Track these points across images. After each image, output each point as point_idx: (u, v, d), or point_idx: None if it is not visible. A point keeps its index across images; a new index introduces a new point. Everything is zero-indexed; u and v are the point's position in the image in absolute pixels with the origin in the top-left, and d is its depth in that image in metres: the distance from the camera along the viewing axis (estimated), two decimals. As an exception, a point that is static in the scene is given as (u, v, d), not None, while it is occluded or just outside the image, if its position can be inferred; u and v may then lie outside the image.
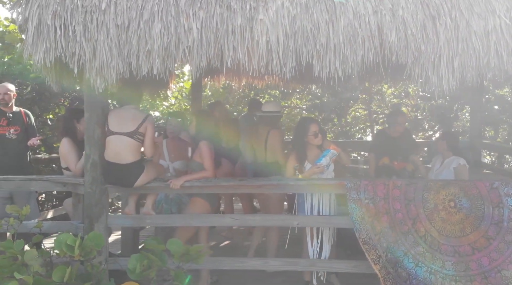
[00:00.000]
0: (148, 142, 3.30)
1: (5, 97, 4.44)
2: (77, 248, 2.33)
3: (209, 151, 3.36)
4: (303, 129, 3.48)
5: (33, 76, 6.15)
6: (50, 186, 3.53)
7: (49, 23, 2.78)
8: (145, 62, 2.76)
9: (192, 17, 2.74)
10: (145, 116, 3.35)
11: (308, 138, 3.46)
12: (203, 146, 3.37)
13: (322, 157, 3.41)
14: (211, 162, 3.36)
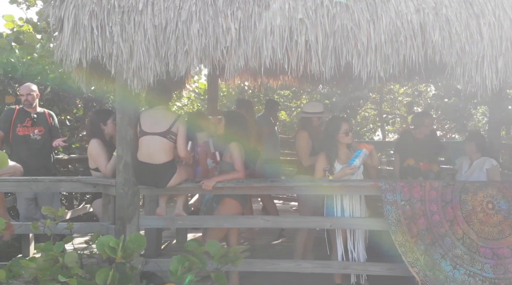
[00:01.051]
0: (181, 142, 3.29)
1: (29, 97, 4.44)
2: (120, 250, 2.31)
3: (239, 152, 3.33)
4: (334, 127, 3.44)
5: (52, 76, 6.17)
6: (80, 187, 3.52)
7: (86, 23, 2.77)
8: (183, 62, 2.74)
9: (230, 17, 2.71)
10: (176, 115, 3.34)
11: (339, 137, 3.42)
12: (233, 147, 3.35)
13: (355, 157, 3.35)
14: (242, 163, 3.33)
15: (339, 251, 3.40)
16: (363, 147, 3.41)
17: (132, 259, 2.43)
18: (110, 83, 4.04)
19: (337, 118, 3.63)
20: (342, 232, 3.40)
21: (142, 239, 2.41)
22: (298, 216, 3.41)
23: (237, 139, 3.40)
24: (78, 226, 3.46)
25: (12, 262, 2.70)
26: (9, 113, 4.47)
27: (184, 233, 4.90)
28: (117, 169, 3.29)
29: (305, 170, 3.96)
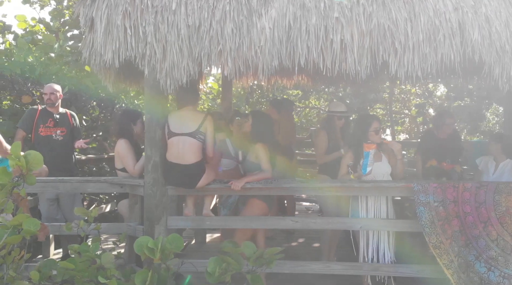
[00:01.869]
0: (209, 142, 3.27)
1: (52, 97, 4.44)
2: (159, 251, 2.30)
3: (266, 153, 3.32)
4: (364, 125, 3.41)
5: (69, 76, 6.18)
6: (107, 188, 3.52)
7: (119, 23, 2.76)
8: (216, 62, 2.72)
9: (265, 16, 2.68)
10: (204, 115, 3.33)
11: (369, 135, 3.39)
12: (260, 148, 3.33)
13: (366, 165, 3.33)
14: (269, 163, 3.32)
15: (361, 252, 3.37)
16: (366, 148, 3.37)
17: (168, 260, 2.41)
18: (135, 83, 4.05)
19: (367, 116, 3.61)
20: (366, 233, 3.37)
21: (180, 240, 2.39)
22: (328, 218, 3.38)
23: (263, 140, 3.39)
24: (105, 227, 3.44)
25: (42, 263, 2.69)
26: (32, 113, 4.47)
27: (203, 233, 4.88)
28: (146, 169, 3.28)
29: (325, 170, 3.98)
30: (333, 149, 3.96)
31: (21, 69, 5.84)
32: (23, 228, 2.49)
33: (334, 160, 3.91)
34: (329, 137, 4.01)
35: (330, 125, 4.07)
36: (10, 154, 3.56)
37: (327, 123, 4.13)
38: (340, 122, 4.05)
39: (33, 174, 3.66)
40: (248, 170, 3.43)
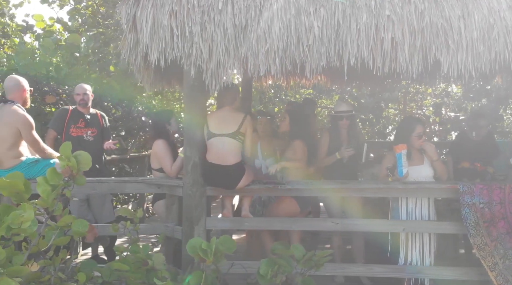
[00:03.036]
0: (248, 142, 3.25)
1: (85, 97, 4.43)
2: (212, 253, 2.27)
3: (304, 150, 3.31)
4: (408, 128, 3.34)
5: (94, 76, 6.20)
6: (145, 188, 3.50)
7: (165, 23, 2.73)
8: (263, 62, 2.68)
9: (313, 15, 2.65)
10: (244, 115, 3.30)
11: (411, 139, 3.33)
12: (298, 145, 3.33)
13: (401, 167, 3.23)
14: (305, 161, 3.31)
15: (402, 254, 3.32)
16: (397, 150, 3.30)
17: (220, 262, 2.39)
18: (169, 84, 4.03)
19: (411, 119, 3.54)
20: (406, 235, 3.32)
21: (232, 242, 2.36)
22: (370, 219, 3.33)
23: (301, 137, 3.37)
24: (142, 227, 3.43)
25: (83, 264, 2.68)
26: (63, 113, 4.47)
27: (229, 233, 4.86)
28: (185, 170, 3.26)
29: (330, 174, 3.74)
30: (334, 152, 3.76)
31: (46, 69, 5.86)
32: (72, 229, 2.49)
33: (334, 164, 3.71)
34: (331, 139, 3.82)
35: (333, 125, 3.91)
36: (48, 155, 3.61)
37: (330, 124, 4.03)
38: (344, 123, 3.81)
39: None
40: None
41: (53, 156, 3.65)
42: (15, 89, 3.55)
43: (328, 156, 3.72)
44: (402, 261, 3.27)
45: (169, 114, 3.83)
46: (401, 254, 3.29)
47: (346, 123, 3.73)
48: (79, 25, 8.10)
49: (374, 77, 4.89)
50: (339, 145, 3.67)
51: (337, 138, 3.71)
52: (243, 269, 2.64)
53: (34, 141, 3.49)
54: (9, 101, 3.50)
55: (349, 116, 3.73)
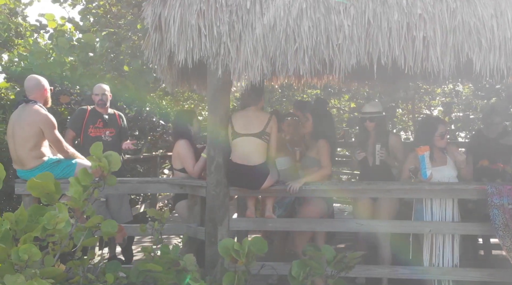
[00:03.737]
0: (273, 142, 3.22)
1: (103, 97, 4.42)
2: (244, 254, 2.25)
3: (328, 149, 3.28)
4: (430, 128, 3.30)
5: (108, 76, 6.20)
6: (167, 188, 3.49)
7: (193, 23, 2.71)
8: (292, 61, 2.66)
9: (343, 13, 2.62)
10: (269, 115, 3.27)
11: (434, 139, 3.29)
12: (323, 144, 3.30)
13: (425, 169, 3.19)
14: (330, 159, 3.29)
15: (425, 256, 3.28)
16: (420, 152, 3.26)
17: (251, 263, 2.36)
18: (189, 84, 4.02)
19: (433, 119, 3.49)
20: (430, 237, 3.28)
21: (263, 243, 2.33)
22: (395, 221, 3.29)
23: (325, 136, 3.34)
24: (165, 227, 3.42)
25: (108, 265, 2.66)
26: (81, 114, 4.46)
27: (245, 234, 4.83)
28: (209, 170, 3.24)
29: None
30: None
31: (60, 69, 5.87)
32: (102, 229, 2.48)
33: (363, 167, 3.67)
34: (359, 141, 3.79)
35: (360, 128, 3.86)
36: (70, 155, 3.60)
37: (358, 126, 4.00)
38: (368, 124, 3.70)
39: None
40: (307, 166, 3.39)
41: (75, 156, 3.64)
42: (36, 89, 3.54)
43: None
44: (427, 262, 3.24)
45: (191, 114, 3.81)
46: (425, 255, 3.26)
47: (371, 125, 3.64)
48: (90, 25, 8.10)
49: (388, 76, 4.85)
50: (366, 148, 3.60)
51: (364, 141, 3.65)
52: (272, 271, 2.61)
53: (57, 141, 3.48)
54: (30, 101, 3.49)
55: (372, 118, 3.64)
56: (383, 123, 3.71)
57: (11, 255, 1.99)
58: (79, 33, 8.19)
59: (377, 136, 3.59)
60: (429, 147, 3.21)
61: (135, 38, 7.81)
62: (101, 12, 8.16)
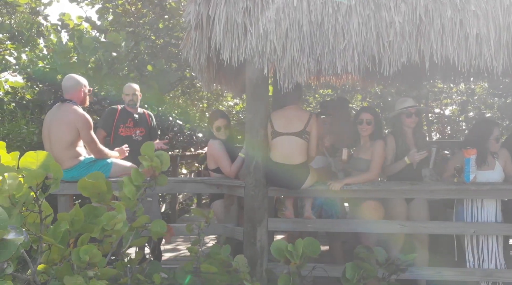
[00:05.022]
0: (314, 142, 3.17)
1: (134, 97, 4.41)
2: (299, 256, 2.21)
3: (383, 152, 3.19)
4: (485, 131, 3.20)
5: (132, 75, 6.18)
6: (204, 188, 3.45)
7: (239, 20, 2.68)
8: (340, 59, 2.61)
9: (393, 10, 2.56)
10: (309, 114, 3.22)
11: (490, 142, 3.19)
12: (379, 145, 3.21)
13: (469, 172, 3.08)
14: (381, 164, 3.19)
15: (470, 258, 3.21)
16: (466, 154, 3.17)
17: (304, 265, 2.33)
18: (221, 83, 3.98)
19: (488, 121, 3.38)
20: (471, 238, 3.21)
21: (316, 245, 2.30)
22: (440, 222, 3.23)
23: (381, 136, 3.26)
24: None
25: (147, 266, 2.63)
26: (112, 113, 4.44)
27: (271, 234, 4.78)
28: (247, 170, 3.20)
29: None
30: (400, 157, 3.38)
31: (85, 68, 5.86)
32: (152, 229, 2.45)
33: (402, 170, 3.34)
34: (397, 143, 3.43)
35: (396, 126, 3.52)
36: (104, 155, 3.58)
37: (394, 124, 3.61)
38: (412, 120, 3.41)
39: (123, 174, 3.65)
40: (356, 168, 3.32)
41: (109, 156, 3.62)
42: (73, 89, 3.52)
43: (395, 163, 3.38)
44: (472, 264, 3.18)
45: (218, 114, 3.76)
46: (469, 257, 3.20)
47: (415, 120, 3.37)
48: (108, 24, 8.10)
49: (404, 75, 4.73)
50: (406, 149, 3.36)
51: (402, 141, 3.38)
52: (324, 272, 2.57)
53: (92, 141, 3.46)
54: (67, 100, 3.48)
55: (417, 112, 3.39)
56: (421, 119, 3.48)
57: (69, 256, 1.97)
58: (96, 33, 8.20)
59: (416, 135, 3.43)
60: (476, 150, 3.11)
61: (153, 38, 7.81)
62: (119, 11, 8.15)
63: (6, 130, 4.44)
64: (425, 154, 3.26)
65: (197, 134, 8.93)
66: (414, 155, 3.26)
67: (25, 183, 1.94)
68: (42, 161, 2.02)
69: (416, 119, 3.41)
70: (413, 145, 3.40)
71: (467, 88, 12.30)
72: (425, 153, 3.26)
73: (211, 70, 3.28)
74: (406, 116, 3.43)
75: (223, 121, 3.58)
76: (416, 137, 3.43)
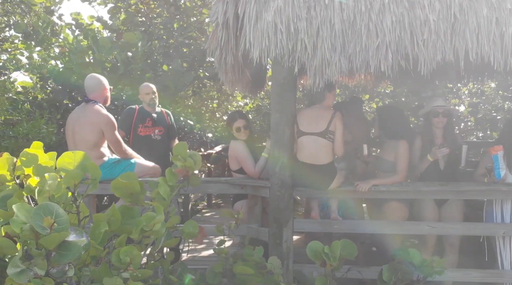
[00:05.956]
0: (338, 140, 3.12)
1: (153, 96, 4.40)
2: (336, 258, 2.18)
3: (408, 153, 3.14)
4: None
5: (148, 76, 6.16)
6: (228, 189, 3.43)
7: (270, 19, 2.64)
8: (373, 57, 2.57)
9: (428, 8, 2.52)
10: (332, 112, 3.18)
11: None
12: (403, 146, 3.16)
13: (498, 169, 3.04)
14: (407, 165, 3.15)
15: (503, 259, 3.16)
16: (493, 151, 3.13)
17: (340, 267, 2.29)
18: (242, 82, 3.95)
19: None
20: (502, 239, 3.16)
21: (353, 247, 2.26)
22: (469, 223, 3.19)
23: (404, 136, 3.21)
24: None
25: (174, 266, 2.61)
26: (130, 113, 4.43)
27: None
28: (273, 170, 3.17)
29: None
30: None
31: (101, 68, 5.85)
32: (184, 230, 2.43)
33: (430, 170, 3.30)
34: (424, 141, 3.43)
35: (426, 126, 3.51)
36: (128, 155, 3.56)
37: (424, 123, 3.64)
38: (440, 120, 3.37)
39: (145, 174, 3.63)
40: (382, 170, 3.28)
41: (133, 156, 3.60)
42: (97, 88, 3.51)
43: (419, 162, 3.36)
44: (503, 265, 3.13)
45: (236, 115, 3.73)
46: (501, 258, 3.15)
47: (442, 121, 3.33)
48: (120, 23, 8.08)
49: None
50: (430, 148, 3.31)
51: (430, 140, 3.38)
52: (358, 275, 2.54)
53: (117, 142, 3.45)
54: (91, 100, 3.47)
55: (446, 112, 3.35)
56: (452, 120, 3.43)
57: (105, 256, 1.95)
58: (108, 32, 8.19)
59: (446, 134, 3.37)
60: (502, 147, 3.08)
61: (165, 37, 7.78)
62: (132, 10, 8.13)
63: (25, 130, 4.44)
64: (446, 151, 3.20)
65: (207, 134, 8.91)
66: (436, 152, 3.21)
67: (63, 184, 1.93)
68: (80, 161, 2.01)
69: (444, 119, 3.35)
70: (440, 143, 3.34)
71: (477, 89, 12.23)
72: (446, 149, 3.20)
73: (235, 69, 3.26)
74: (433, 116, 3.40)
75: (243, 122, 3.55)
76: (445, 138, 3.37)
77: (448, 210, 3.29)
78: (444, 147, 3.22)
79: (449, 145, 3.29)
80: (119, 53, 5.73)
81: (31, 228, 1.28)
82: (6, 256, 1.76)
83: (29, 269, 1.21)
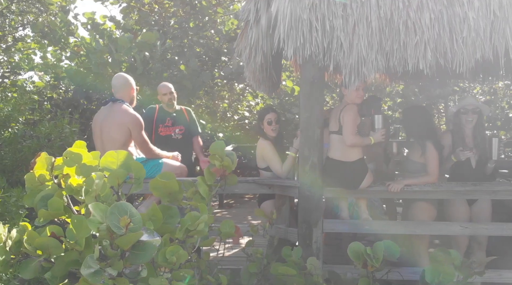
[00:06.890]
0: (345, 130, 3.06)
1: (171, 96, 4.38)
2: (379, 259, 2.14)
3: (436, 154, 3.10)
4: None
5: (165, 75, 6.16)
6: (255, 189, 3.40)
7: (305, 17, 2.61)
8: (411, 55, 2.53)
9: (467, 5, 2.48)
10: (341, 107, 3.17)
11: None
12: (431, 147, 3.12)
13: None
14: (437, 165, 3.10)
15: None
16: None
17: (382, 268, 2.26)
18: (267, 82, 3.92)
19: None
20: None
21: (395, 248, 2.23)
22: (502, 223, 3.14)
23: (430, 137, 3.17)
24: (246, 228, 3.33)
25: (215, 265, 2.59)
26: (151, 113, 4.41)
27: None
28: (303, 170, 3.14)
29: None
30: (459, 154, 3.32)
31: (120, 67, 5.86)
32: (221, 230, 2.41)
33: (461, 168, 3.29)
34: (454, 139, 3.41)
35: (456, 124, 3.45)
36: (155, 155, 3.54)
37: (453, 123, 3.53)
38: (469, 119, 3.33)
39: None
40: (409, 170, 3.24)
41: (160, 156, 3.58)
42: (124, 88, 3.49)
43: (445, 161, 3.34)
44: None
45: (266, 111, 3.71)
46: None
47: (473, 119, 3.30)
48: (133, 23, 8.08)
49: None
50: (463, 147, 3.28)
51: (460, 139, 3.34)
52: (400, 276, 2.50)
53: (144, 142, 3.43)
54: (118, 100, 3.45)
55: (475, 110, 3.32)
56: (483, 120, 3.41)
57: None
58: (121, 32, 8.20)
59: (475, 134, 3.33)
60: None
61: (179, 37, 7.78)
62: (145, 9, 8.13)
63: (48, 129, 4.44)
64: (469, 154, 3.22)
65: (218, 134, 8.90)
66: (459, 154, 3.22)
67: (108, 183, 1.92)
68: (123, 161, 1.99)
69: (474, 116, 3.33)
70: (472, 144, 3.33)
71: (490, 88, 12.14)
72: (469, 152, 3.21)
73: (263, 69, 3.23)
74: (462, 114, 3.38)
75: (274, 115, 3.54)
76: (475, 136, 3.34)
77: (478, 209, 3.25)
78: (467, 150, 3.22)
79: (478, 144, 3.25)
80: (138, 52, 5.73)
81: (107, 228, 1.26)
82: (52, 256, 1.76)
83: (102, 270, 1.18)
